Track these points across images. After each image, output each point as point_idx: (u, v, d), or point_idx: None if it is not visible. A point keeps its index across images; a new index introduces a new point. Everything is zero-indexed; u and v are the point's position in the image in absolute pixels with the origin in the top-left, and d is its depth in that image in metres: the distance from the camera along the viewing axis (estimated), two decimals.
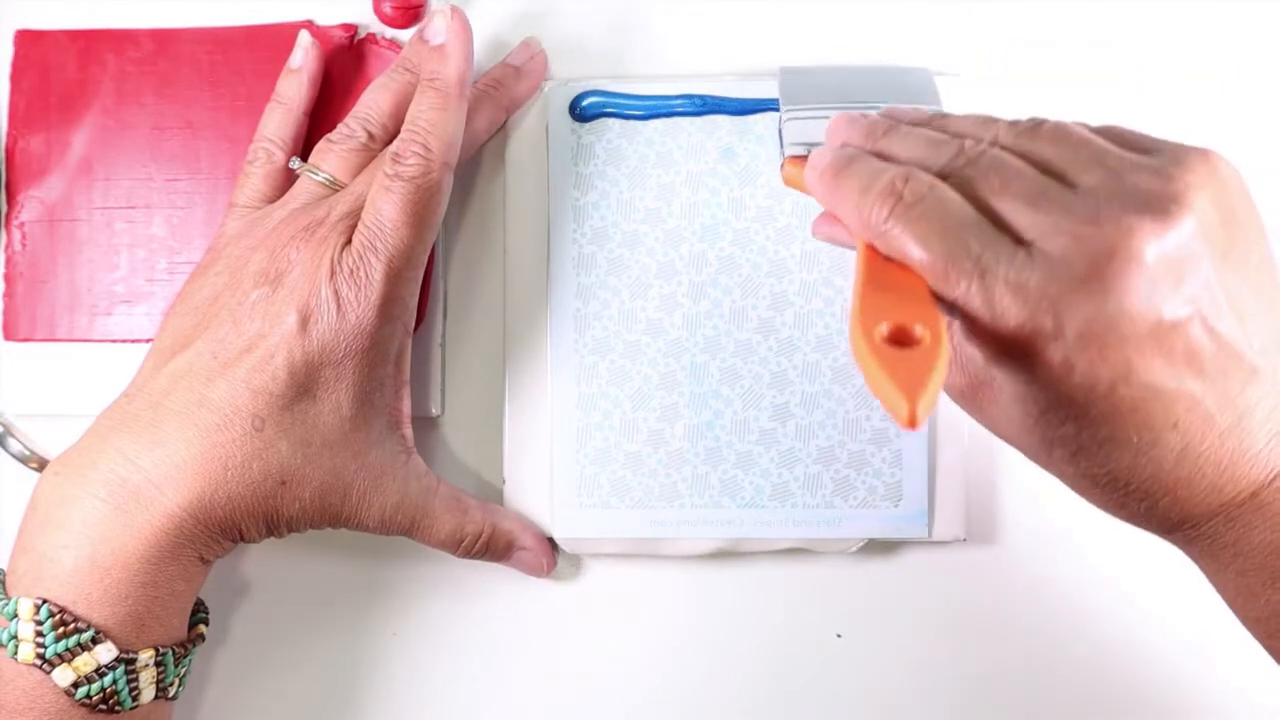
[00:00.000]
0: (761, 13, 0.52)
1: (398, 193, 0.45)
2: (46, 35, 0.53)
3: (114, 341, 0.52)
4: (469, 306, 0.52)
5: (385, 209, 0.45)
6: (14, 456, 0.51)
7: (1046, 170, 0.36)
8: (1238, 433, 0.35)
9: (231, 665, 0.52)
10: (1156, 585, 0.50)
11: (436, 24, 0.47)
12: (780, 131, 0.45)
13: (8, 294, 0.52)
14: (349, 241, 0.45)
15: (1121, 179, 0.34)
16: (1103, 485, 0.37)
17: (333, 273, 0.44)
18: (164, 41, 0.53)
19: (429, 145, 0.45)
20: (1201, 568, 0.39)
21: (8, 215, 0.53)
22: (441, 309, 0.51)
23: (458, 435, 0.52)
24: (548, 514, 0.50)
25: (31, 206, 0.53)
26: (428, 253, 0.47)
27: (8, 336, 0.52)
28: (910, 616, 0.51)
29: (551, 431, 0.50)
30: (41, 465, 0.50)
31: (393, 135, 0.48)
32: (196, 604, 0.47)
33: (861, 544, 0.50)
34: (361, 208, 0.46)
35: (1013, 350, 0.35)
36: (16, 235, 0.53)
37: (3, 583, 0.44)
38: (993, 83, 0.51)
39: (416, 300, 0.47)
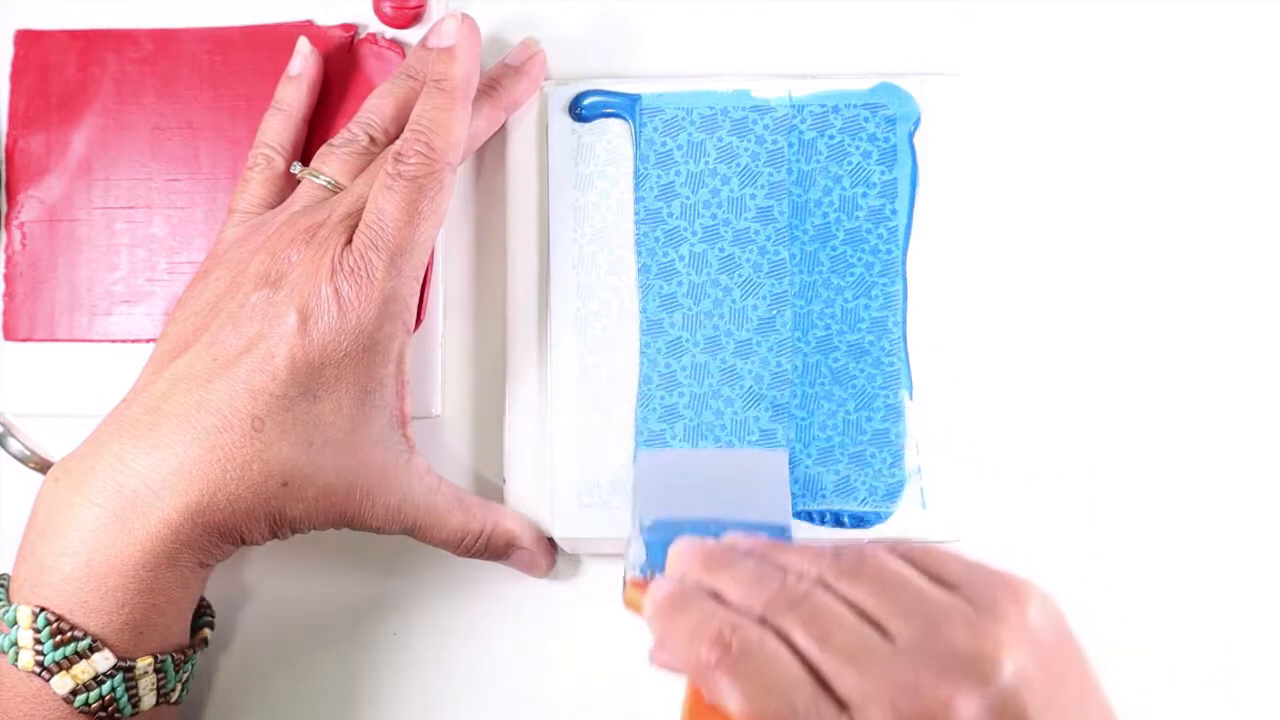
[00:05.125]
0: (760, 12, 0.52)
1: (399, 191, 0.45)
2: (46, 35, 0.53)
3: (114, 341, 0.52)
4: (469, 306, 0.52)
5: (387, 208, 0.45)
6: (14, 457, 0.50)
7: (865, 617, 0.36)
8: None
9: (231, 666, 0.51)
10: (1155, 584, 0.50)
11: (446, 27, 0.47)
12: (628, 548, 0.45)
13: (8, 294, 0.52)
14: (349, 241, 0.45)
15: (938, 632, 0.35)
16: None
17: (333, 271, 0.44)
18: (164, 41, 0.52)
19: (432, 144, 0.45)
20: None
21: (8, 215, 0.53)
22: (441, 309, 0.51)
23: (458, 435, 0.52)
24: (548, 514, 0.50)
25: (31, 206, 0.52)
26: (429, 252, 0.47)
27: (8, 336, 0.52)
28: None
29: (551, 431, 0.50)
30: (41, 466, 0.50)
31: (394, 140, 0.48)
32: (202, 606, 0.47)
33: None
34: (362, 208, 0.45)
35: None
36: (16, 235, 0.52)
37: (5, 589, 0.44)
38: (992, 83, 0.51)
39: (417, 300, 0.47)
